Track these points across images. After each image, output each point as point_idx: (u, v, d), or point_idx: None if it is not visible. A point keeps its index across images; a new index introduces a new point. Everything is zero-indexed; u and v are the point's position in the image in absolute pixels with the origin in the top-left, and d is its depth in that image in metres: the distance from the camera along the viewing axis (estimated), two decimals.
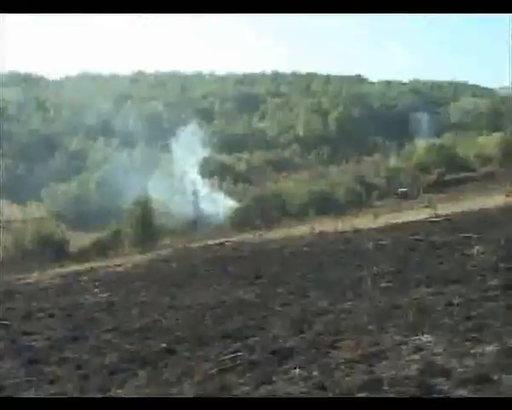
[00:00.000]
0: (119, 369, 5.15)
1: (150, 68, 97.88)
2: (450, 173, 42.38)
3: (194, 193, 43.65)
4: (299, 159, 65.44)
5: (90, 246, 31.16)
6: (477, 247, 9.22)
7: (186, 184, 44.79)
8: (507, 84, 69.39)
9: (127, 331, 6.78)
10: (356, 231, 15.31)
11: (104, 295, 10.05)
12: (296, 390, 3.93)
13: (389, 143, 64.97)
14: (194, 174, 46.13)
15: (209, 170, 52.12)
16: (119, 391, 4.49)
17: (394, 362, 4.28)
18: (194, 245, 19.84)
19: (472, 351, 4.24)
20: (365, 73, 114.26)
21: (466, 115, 69.81)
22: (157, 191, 38.38)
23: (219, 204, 41.27)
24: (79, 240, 32.96)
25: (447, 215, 15.79)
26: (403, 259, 9.33)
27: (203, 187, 45.27)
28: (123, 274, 13.38)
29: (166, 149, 50.06)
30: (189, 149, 46.57)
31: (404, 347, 4.64)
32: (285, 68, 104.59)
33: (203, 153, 51.88)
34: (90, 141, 58.96)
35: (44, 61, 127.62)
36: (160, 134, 55.60)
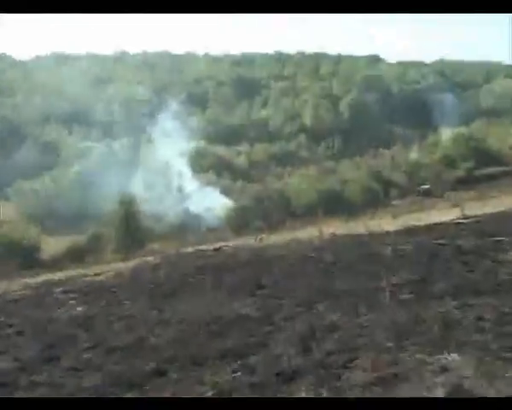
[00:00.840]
0: (100, 393, 5.17)
1: (135, 48, 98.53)
2: (481, 168, 42.40)
3: (181, 190, 43.71)
4: (306, 152, 65.55)
5: (66, 252, 31.23)
6: (511, 252, 9.23)
7: (175, 180, 44.85)
8: None
9: (109, 350, 6.80)
10: (371, 234, 15.31)
11: (82, 309, 10.07)
12: None
13: (409, 134, 65.07)
14: (181, 168, 46.15)
15: (203, 164, 52.20)
16: None
17: (416, 385, 4.29)
18: (186, 251, 19.85)
19: (506, 374, 4.25)
20: (382, 53, 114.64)
21: (499, 100, 69.66)
22: (143, 189, 38.42)
23: (215, 203, 41.33)
24: (53, 245, 33.02)
25: (477, 216, 15.80)
26: (425, 266, 9.34)
27: (195, 184, 45.32)
28: (104, 284, 13.39)
29: (154, 140, 50.17)
30: (177, 138, 46.57)
31: (427, 367, 4.65)
32: (290, 48, 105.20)
33: (194, 143, 51.80)
34: (65, 131, 59.07)
35: (11, 39, 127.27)
36: (146, 123, 55.61)
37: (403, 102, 72.70)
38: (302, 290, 8.78)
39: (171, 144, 45.73)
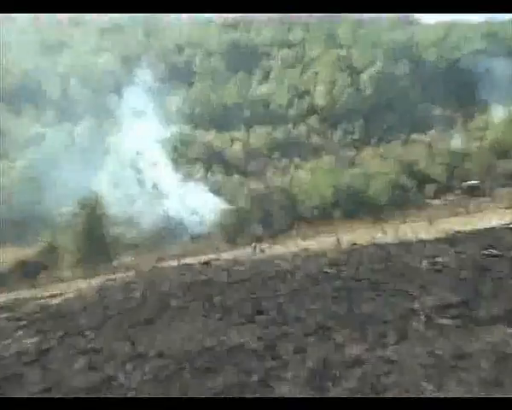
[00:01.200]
0: None
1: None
2: None
3: (158, 187, 43.73)
4: (318, 139, 65.70)
5: (12, 268, 31.22)
6: None
7: (151, 175, 44.86)
8: None
9: (68, 393, 6.80)
10: (402, 243, 15.34)
11: (33, 341, 10.06)
12: None
13: (450, 114, 65.15)
14: (159, 159, 46.13)
15: (187, 154, 52.22)
16: None
17: None
18: (167, 265, 19.87)
19: None
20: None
21: None
22: (110, 186, 38.40)
23: (202, 204, 41.37)
24: None
25: None
26: (472, 284, 9.35)
27: (177, 180, 45.34)
28: (61, 308, 13.39)
29: (123, 123, 50.19)
30: (152, 121, 46.53)
31: None
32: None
33: (176, 127, 51.70)
34: (10, 114, 59.03)
35: None
36: (113, 102, 55.64)
37: (441, 74, 72.75)
38: (315, 315, 8.80)
39: (146, 129, 45.79)
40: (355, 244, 16.88)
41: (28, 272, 29.20)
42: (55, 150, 45.53)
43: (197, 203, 41.57)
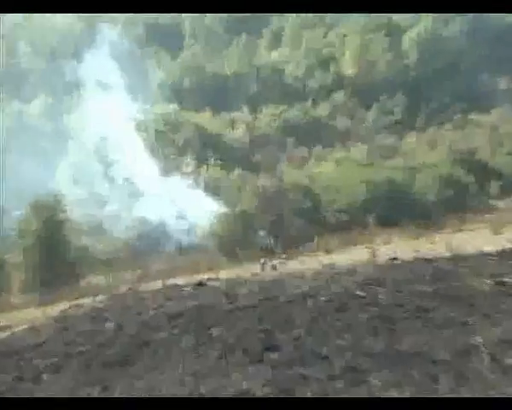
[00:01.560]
0: None
1: None
2: None
3: (132, 183, 43.76)
4: (346, 120, 65.69)
5: None
6: None
7: (123, 167, 44.98)
8: None
9: None
10: (457, 257, 15.34)
11: None
12: None
13: None
14: (135, 146, 46.23)
15: (173, 141, 52.26)
16: None
17: None
18: (149, 287, 19.95)
19: None
20: None
21: None
22: (72, 185, 38.54)
23: (192, 207, 41.46)
24: None
25: None
26: None
27: (157, 174, 45.47)
28: (10, 344, 13.48)
29: (87, 99, 50.35)
30: (126, 98, 46.64)
31: None
32: None
33: (159, 106, 51.74)
34: None
35: None
36: (74, 73, 55.79)
37: (508, 34, 72.51)
38: (342, 352, 8.82)
39: (117, 108, 45.88)
40: (395, 259, 16.88)
41: None
42: (3, 137, 45.76)
43: (186, 205, 41.60)
